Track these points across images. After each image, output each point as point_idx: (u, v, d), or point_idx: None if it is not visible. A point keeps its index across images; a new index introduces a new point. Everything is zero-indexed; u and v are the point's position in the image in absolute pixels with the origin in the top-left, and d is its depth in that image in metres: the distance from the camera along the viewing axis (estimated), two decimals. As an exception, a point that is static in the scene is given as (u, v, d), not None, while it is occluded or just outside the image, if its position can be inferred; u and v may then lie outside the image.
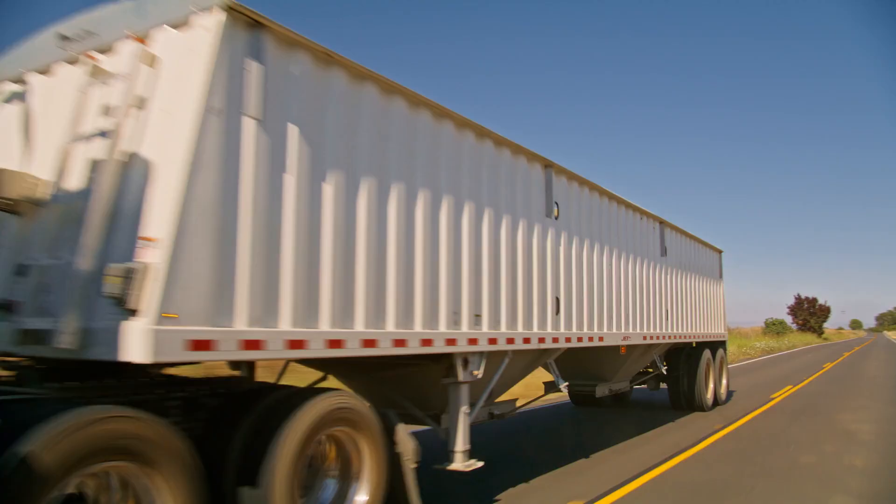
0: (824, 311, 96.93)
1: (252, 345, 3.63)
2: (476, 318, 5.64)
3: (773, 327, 77.13)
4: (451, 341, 5.25)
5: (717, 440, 9.28)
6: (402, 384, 5.96)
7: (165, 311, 3.19)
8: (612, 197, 8.68)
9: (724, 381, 13.96)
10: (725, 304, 14.80)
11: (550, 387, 9.79)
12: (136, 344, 3.12)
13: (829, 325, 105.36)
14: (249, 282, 3.65)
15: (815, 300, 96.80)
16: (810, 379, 19.87)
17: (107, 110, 3.80)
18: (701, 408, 12.35)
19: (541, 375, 8.27)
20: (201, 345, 3.35)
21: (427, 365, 5.58)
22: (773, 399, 14.31)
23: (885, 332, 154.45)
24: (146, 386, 3.90)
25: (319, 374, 6.10)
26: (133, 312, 3.15)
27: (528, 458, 7.78)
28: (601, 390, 10.01)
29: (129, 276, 3.15)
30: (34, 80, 4.52)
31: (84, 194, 3.69)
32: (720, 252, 14.77)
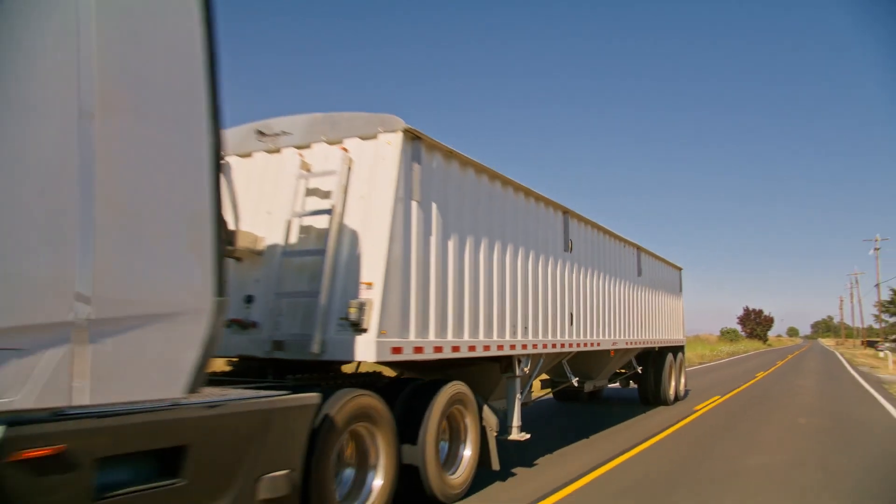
0: (769, 321, 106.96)
1: (418, 349, 5.57)
2: (525, 329, 7.67)
3: (728, 335, 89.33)
4: (512, 346, 7.26)
5: (747, 387, 20.17)
6: (463, 377, 7.91)
7: (382, 329, 5.10)
8: (605, 231, 10.85)
9: (682, 380, 16.32)
10: (685, 314, 17.29)
11: (547, 384, 11.99)
12: (366, 350, 5.04)
13: (771, 333, 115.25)
14: (415, 308, 5.58)
15: (760, 311, 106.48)
16: (773, 369, 31.94)
17: (319, 193, 5.67)
18: (665, 402, 14.62)
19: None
20: (397, 350, 5.28)
21: (485, 363, 7.55)
22: (757, 377, 25.53)
23: (820, 339, 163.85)
24: (332, 378, 5.78)
25: (392, 372, 7.97)
26: (363, 331, 5.06)
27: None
28: (588, 386, 12.20)
29: (361, 308, 5.05)
30: (234, 161, 6.32)
31: (306, 251, 5.55)
32: (680, 269, 17.25)
